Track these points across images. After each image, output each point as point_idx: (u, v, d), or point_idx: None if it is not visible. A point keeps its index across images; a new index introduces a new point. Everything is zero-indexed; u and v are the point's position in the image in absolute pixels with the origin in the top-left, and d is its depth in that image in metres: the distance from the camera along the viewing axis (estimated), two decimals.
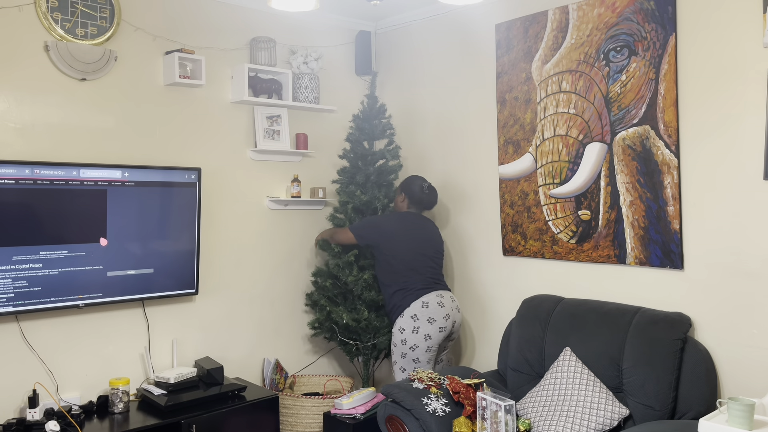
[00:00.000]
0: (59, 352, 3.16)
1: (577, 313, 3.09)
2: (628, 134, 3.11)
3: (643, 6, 3.03)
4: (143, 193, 3.29)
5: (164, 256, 3.38)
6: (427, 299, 3.51)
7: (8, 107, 3.04)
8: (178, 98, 3.57)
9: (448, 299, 3.58)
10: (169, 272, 3.40)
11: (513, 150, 3.60)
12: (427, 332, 3.47)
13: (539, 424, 2.83)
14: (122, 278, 3.25)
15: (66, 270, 3.07)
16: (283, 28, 3.99)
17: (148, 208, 3.31)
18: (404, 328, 3.50)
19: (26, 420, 2.93)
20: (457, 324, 3.60)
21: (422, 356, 3.51)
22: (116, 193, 3.21)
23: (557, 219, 3.41)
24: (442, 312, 3.51)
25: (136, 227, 3.29)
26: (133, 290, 3.29)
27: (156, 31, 3.48)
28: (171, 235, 3.40)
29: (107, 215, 3.18)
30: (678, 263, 2.97)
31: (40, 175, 2.97)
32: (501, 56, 3.64)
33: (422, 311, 3.49)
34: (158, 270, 3.37)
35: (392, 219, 3.68)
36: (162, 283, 3.38)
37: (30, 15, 3.07)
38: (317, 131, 4.17)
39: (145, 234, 3.31)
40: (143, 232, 3.31)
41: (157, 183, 3.33)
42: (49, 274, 3.03)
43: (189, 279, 3.48)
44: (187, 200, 3.44)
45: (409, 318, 3.50)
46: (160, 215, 3.35)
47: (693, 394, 2.70)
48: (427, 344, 3.48)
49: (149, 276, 3.34)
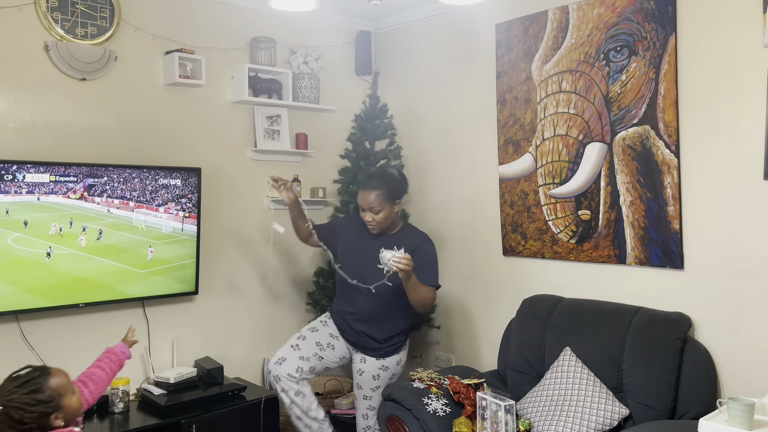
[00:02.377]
0: (59, 352, 3.16)
1: (577, 313, 3.09)
2: (628, 134, 3.11)
3: (643, 6, 3.03)
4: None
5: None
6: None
7: (8, 107, 3.04)
8: (178, 98, 3.57)
9: None
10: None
11: (513, 150, 3.60)
12: (407, 350, 3.30)
13: (539, 424, 2.82)
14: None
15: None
16: (283, 28, 3.99)
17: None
18: (401, 360, 3.24)
19: None
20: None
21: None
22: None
23: (557, 219, 3.41)
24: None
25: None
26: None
27: (156, 31, 3.48)
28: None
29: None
30: (678, 263, 2.97)
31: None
32: (501, 56, 3.64)
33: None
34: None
35: (430, 238, 3.19)
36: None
37: (30, 15, 3.07)
38: (317, 131, 4.17)
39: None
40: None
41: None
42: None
43: (189, 279, 3.49)
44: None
45: (406, 341, 3.28)
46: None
47: (693, 394, 2.70)
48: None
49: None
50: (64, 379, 1.97)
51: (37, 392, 1.87)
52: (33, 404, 1.85)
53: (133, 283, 3.28)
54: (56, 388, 1.92)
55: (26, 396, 1.86)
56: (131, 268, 3.27)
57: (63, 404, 1.92)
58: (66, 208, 3.07)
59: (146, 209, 3.31)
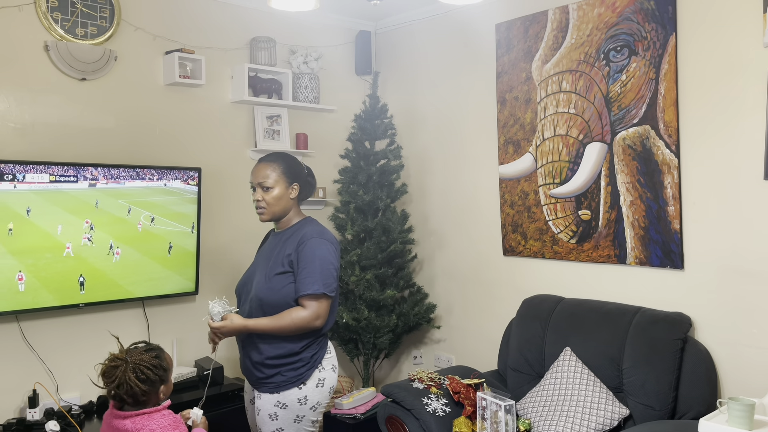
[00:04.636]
0: (59, 352, 3.16)
1: (577, 313, 3.09)
2: (629, 134, 3.10)
3: (643, 6, 3.02)
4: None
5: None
6: (328, 342, 2.58)
7: (8, 107, 3.04)
8: (178, 98, 3.57)
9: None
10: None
11: (513, 150, 3.59)
12: (332, 385, 2.52)
13: (539, 424, 2.82)
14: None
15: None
16: (283, 28, 3.98)
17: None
18: (310, 397, 2.46)
19: (26, 420, 2.93)
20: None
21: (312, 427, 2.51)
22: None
23: (557, 219, 3.41)
24: (336, 357, 2.61)
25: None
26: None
27: (156, 30, 3.47)
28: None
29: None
30: (678, 263, 2.97)
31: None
32: (501, 56, 3.64)
33: (327, 357, 2.53)
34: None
35: (329, 236, 2.52)
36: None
37: (30, 15, 3.07)
38: (317, 131, 4.17)
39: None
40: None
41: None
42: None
43: (189, 279, 3.49)
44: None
45: (317, 372, 2.48)
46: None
47: (693, 394, 2.70)
48: (328, 400, 2.54)
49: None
50: (170, 359, 2.24)
51: (160, 359, 2.14)
52: (157, 367, 2.11)
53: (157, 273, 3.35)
54: (169, 362, 2.20)
55: (153, 359, 2.12)
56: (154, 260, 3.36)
57: (168, 379, 2.18)
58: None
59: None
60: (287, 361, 2.42)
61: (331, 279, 2.40)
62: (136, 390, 2.05)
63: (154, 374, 2.09)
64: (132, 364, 2.07)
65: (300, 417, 2.43)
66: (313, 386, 2.44)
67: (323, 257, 2.40)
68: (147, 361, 2.10)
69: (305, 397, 2.42)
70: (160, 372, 2.12)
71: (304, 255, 2.40)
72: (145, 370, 2.07)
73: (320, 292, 2.36)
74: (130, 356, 2.10)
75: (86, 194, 3.10)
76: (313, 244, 2.41)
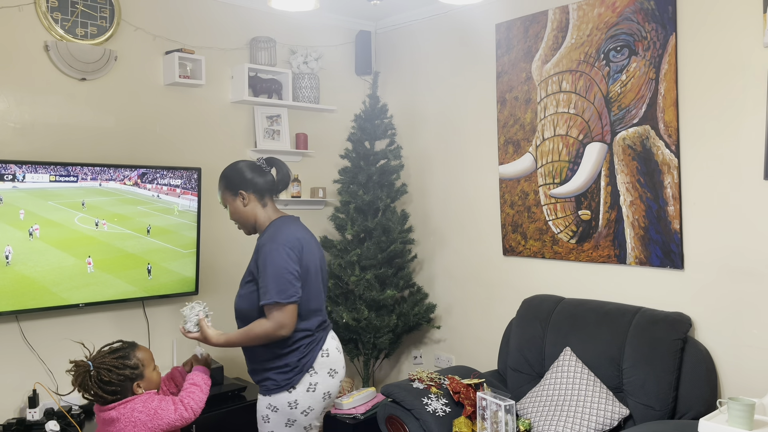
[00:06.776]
0: (60, 352, 3.16)
1: (577, 313, 3.09)
2: (629, 134, 3.10)
3: (643, 6, 3.02)
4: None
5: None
6: (327, 345, 2.52)
7: (8, 107, 3.04)
8: (178, 98, 3.57)
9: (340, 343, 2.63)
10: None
11: (513, 150, 3.60)
12: (327, 390, 2.48)
13: (539, 424, 2.82)
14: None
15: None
16: (283, 28, 3.99)
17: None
18: (298, 402, 2.44)
19: (26, 420, 2.93)
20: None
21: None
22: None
23: (557, 219, 3.41)
24: (341, 362, 2.56)
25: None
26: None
27: (156, 30, 3.48)
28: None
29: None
30: (678, 263, 2.97)
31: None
32: (501, 56, 3.64)
33: (321, 362, 2.48)
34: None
35: (293, 233, 2.44)
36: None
37: (30, 15, 3.07)
38: (317, 131, 4.17)
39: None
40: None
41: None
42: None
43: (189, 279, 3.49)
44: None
45: (308, 376, 2.45)
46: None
47: (693, 394, 2.70)
48: (323, 405, 2.50)
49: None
50: (148, 354, 2.31)
51: (125, 358, 2.21)
52: (120, 368, 2.17)
53: (175, 260, 3.42)
54: (141, 359, 2.26)
55: (115, 360, 2.19)
56: (177, 248, 3.44)
57: (145, 374, 2.25)
58: (122, 193, 3.24)
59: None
60: (273, 365, 2.42)
61: (285, 285, 2.32)
62: (101, 393, 2.16)
63: (117, 375, 2.17)
64: (94, 370, 2.16)
65: (291, 421, 2.43)
66: (303, 390, 2.42)
67: (274, 263, 2.34)
68: (108, 364, 2.18)
69: (295, 401, 2.41)
70: (125, 371, 2.19)
71: (261, 263, 2.37)
72: (105, 374, 2.16)
73: (272, 302, 2.31)
74: (93, 360, 2.18)
75: (86, 194, 3.10)
76: (265, 252, 2.37)
